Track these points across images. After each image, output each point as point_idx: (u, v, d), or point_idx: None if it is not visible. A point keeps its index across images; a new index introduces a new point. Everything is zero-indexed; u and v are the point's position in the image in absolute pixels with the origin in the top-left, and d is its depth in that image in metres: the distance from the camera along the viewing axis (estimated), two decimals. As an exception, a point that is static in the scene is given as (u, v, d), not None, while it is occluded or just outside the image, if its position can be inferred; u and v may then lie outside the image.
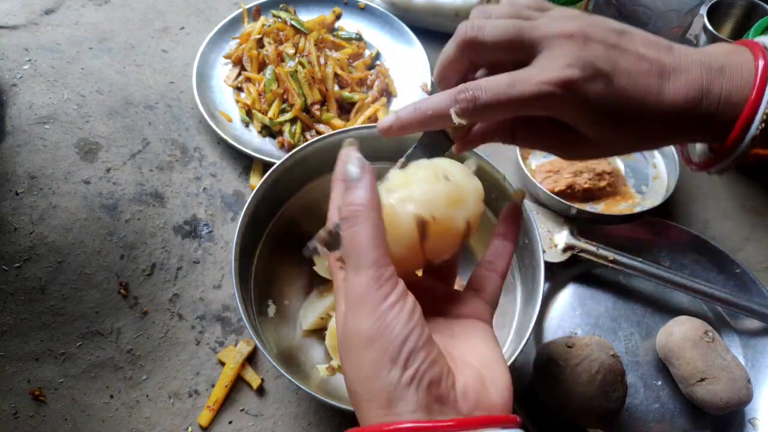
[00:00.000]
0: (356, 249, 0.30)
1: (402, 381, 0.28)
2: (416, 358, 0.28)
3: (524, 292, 0.58)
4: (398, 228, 0.33)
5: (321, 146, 0.60)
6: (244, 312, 0.52)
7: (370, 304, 0.29)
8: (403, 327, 0.29)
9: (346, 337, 0.30)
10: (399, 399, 0.28)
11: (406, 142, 0.62)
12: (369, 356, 0.29)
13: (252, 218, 0.57)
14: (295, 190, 0.63)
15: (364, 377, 0.29)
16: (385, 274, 0.30)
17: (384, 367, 0.28)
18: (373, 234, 0.30)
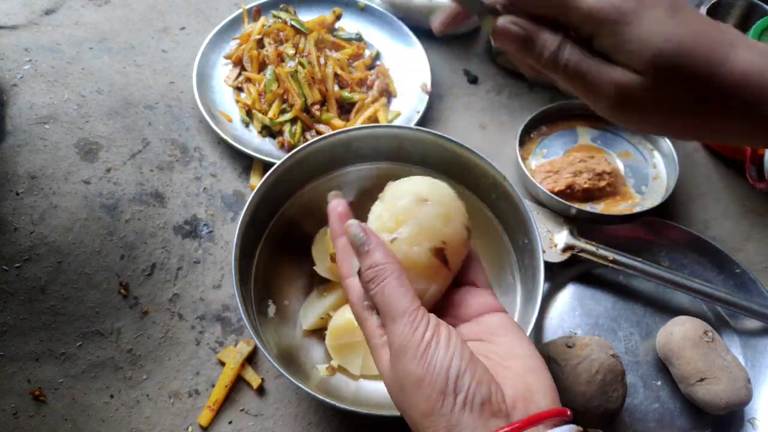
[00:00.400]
0: (388, 303, 0.34)
1: (456, 408, 0.31)
2: (464, 381, 0.31)
3: (524, 292, 0.58)
4: (421, 266, 0.37)
5: (321, 146, 0.60)
6: (244, 312, 0.52)
7: (411, 348, 0.32)
8: (443, 357, 0.32)
9: (398, 382, 0.33)
10: (457, 425, 0.30)
11: (404, 144, 0.63)
12: (422, 394, 0.31)
13: (252, 218, 0.57)
14: (295, 190, 0.63)
15: (422, 414, 0.31)
16: (417, 317, 0.33)
17: (437, 401, 0.31)
18: (398, 284, 0.34)
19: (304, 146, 0.59)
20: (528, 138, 0.78)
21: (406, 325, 0.33)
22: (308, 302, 0.63)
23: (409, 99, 0.81)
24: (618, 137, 0.79)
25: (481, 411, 0.31)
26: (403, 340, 0.33)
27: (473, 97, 0.85)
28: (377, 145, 0.63)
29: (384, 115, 0.78)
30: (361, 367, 0.58)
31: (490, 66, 0.88)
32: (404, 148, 0.63)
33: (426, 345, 0.32)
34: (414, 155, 0.63)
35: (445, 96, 0.84)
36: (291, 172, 0.60)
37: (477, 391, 0.31)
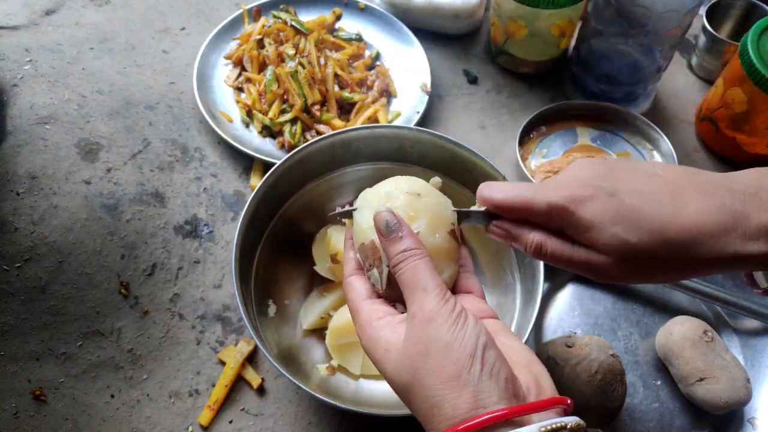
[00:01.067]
0: (420, 279, 0.35)
1: (483, 374, 0.31)
2: (489, 354, 0.32)
3: (523, 292, 0.58)
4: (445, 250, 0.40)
5: (321, 146, 0.61)
6: (244, 312, 0.52)
7: (442, 316, 0.33)
8: (473, 329, 0.33)
9: (422, 346, 0.33)
10: (483, 391, 0.31)
11: (404, 144, 0.63)
12: (450, 357, 0.32)
13: (252, 218, 0.57)
14: (295, 190, 0.63)
15: (447, 377, 0.32)
16: (447, 295, 0.35)
17: (465, 365, 0.31)
18: (430, 267, 0.36)
19: (304, 146, 0.59)
20: (528, 138, 0.78)
21: (438, 296, 0.34)
22: (308, 302, 0.63)
23: (409, 99, 0.81)
24: (617, 137, 0.79)
25: (505, 386, 0.31)
26: (434, 307, 0.34)
27: (473, 97, 0.85)
28: (377, 145, 0.63)
29: (384, 116, 0.78)
30: (361, 366, 0.59)
31: (490, 66, 0.88)
32: (404, 149, 0.63)
33: (457, 315, 0.33)
34: (414, 155, 0.63)
35: (445, 96, 0.84)
36: (291, 172, 0.60)
37: (502, 367, 0.32)
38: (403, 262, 0.36)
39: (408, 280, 0.35)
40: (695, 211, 0.34)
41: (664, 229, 0.34)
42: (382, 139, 0.63)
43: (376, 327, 0.36)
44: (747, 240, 0.34)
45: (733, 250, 0.34)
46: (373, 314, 0.37)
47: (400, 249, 0.36)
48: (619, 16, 0.72)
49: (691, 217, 0.34)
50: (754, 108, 0.70)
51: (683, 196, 0.35)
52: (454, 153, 0.61)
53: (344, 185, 0.65)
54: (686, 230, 0.34)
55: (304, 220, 0.65)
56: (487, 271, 0.65)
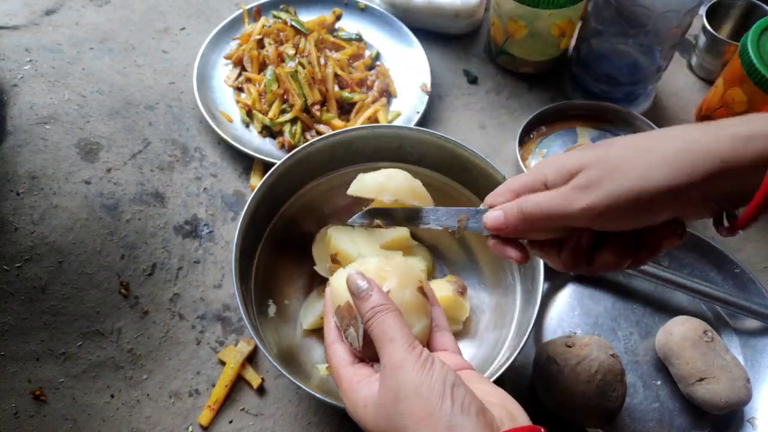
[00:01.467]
0: (388, 331, 0.37)
1: (454, 410, 0.33)
2: (458, 391, 0.34)
3: (524, 292, 0.58)
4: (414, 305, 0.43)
5: (321, 146, 0.61)
6: (244, 312, 0.52)
7: (409, 361, 0.35)
8: (440, 371, 0.35)
9: (393, 393, 0.35)
10: (456, 425, 0.32)
11: (404, 144, 0.63)
12: (420, 399, 0.33)
13: (252, 218, 0.57)
14: (295, 190, 0.63)
15: (419, 418, 0.33)
16: (414, 343, 0.37)
17: (436, 404, 0.33)
18: (398, 319, 0.38)
19: (304, 146, 0.59)
20: (528, 138, 0.78)
21: (404, 344, 0.36)
22: (308, 302, 0.63)
23: (409, 99, 0.81)
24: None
25: (477, 419, 0.32)
26: (401, 355, 0.36)
27: (473, 97, 0.85)
28: (377, 145, 0.63)
29: (384, 116, 0.78)
30: None
31: (489, 66, 0.88)
32: (404, 148, 0.63)
33: (423, 360, 0.35)
34: (414, 155, 0.63)
35: (445, 96, 0.84)
36: (291, 172, 0.60)
37: (472, 401, 0.33)
38: (373, 318, 0.38)
39: (378, 334, 0.38)
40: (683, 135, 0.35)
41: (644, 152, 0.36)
42: (382, 139, 0.63)
43: (356, 389, 0.39)
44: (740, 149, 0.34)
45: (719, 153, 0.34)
46: (354, 378, 0.39)
47: (371, 306, 0.39)
48: (619, 16, 0.72)
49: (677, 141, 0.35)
50: (754, 108, 0.70)
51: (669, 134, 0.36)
52: (454, 153, 0.61)
53: (344, 185, 0.65)
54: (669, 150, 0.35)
55: (304, 220, 0.65)
56: (487, 272, 0.65)
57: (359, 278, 0.40)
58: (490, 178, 0.59)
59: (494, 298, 0.63)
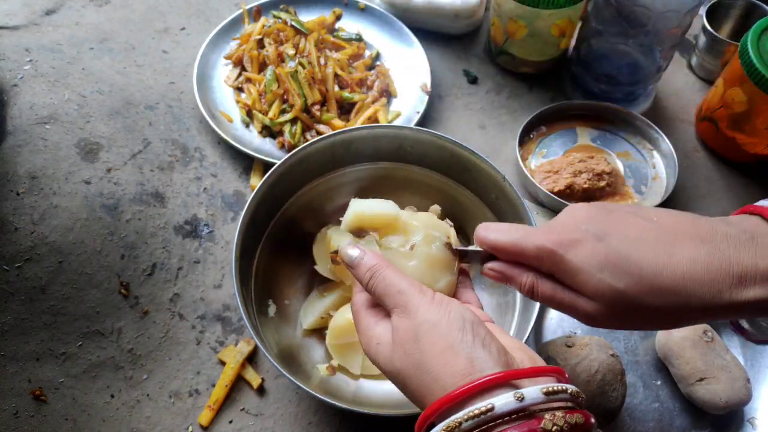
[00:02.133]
0: (393, 285, 0.36)
1: (476, 343, 0.32)
2: (479, 328, 0.33)
3: None
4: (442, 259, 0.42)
5: (321, 146, 0.61)
6: (244, 311, 0.52)
7: (424, 303, 0.35)
8: (458, 308, 0.34)
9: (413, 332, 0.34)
10: (478, 357, 0.31)
11: (404, 144, 0.63)
12: (439, 333, 0.33)
13: (252, 218, 0.57)
14: (295, 190, 0.63)
15: (439, 351, 0.32)
16: (423, 288, 0.36)
17: (456, 336, 0.32)
18: (398, 273, 0.37)
19: (304, 146, 0.59)
20: (528, 138, 0.78)
21: (415, 290, 0.35)
22: (308, 302, 0.63)
23: (409, 99, 0.81)
24: (617, 137, 0.79)
25: (498, 355, 0.32)
26: (416, 300, 0.35)
27: (473, 98, 0.85)
28: (377, 145, 0.63)
29: (384, 116, 0.78)
30: (361, 366, 0.58)
31: (489, 66, 0.88)
32: (404, 148, 0.63)
33: (439, 301, 0.35)
34: (413, 155, 0.63)
35: (445, 96, 0.84)
36: (291, 171, 0.60)
37: (492, 339, 0.33)
38: (372, 278, 0.37)
39: (382, 291, 0.37)
40: (689, 258, 0.34)
41: (656, 276, 0.34)
42: (382, 139, 0.63)
43: (371, 327, 0.38)
44: (743, 287, 0.33)
45: (728, 298, 0.33)
46: (371, 319, 0.39)
47: (366, 269, 0.38)
48: (619, 16, 0.72)
49: (684, 264, 0.34)
50: (754, 108, 0.70)
51: (677, 242, 0.35)
52: (454, 153, 0.61)
53: (344, 185, 0.65)
54: (678, 277, 0.34)
55: (305, 220, 0.65)
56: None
57: (350, 248, 0.40)
58: (490, 177, 0.59)
59: (494, 298, 0.63)
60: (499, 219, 0.62)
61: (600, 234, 0.35)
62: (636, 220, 0.36)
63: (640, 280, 0.34)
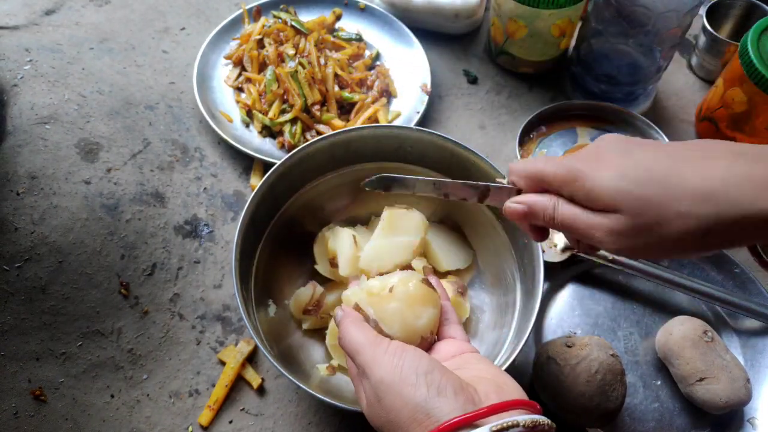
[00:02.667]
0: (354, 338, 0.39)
1: (429, 394, 0.33)
2: (432, 376, 0.34)
3: (523, 292, 0.58)
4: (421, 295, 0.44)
5: (321, 146, 0.61)
6: (244, 311, 0.52)
7: (378, 358, 0.36)
8: (411, 361, 0.35)
9: (375, 395, 0.36)
10: (433, 408, 0.33)
11: (404, 144, 0.63)
12: (395, 392, 0.34)
13: (252, 218, 0.57)
14: (295, 190, 0.63)
15: (398, 409, 0.34)
16: (378, 338, 0.38)
17: (409, 393, 0.34)
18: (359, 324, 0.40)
19: (304, 146, 0.59)
20: (527, 138, 0.78)
21: (370, 344, 0.37)
22: (309, 301, 0.63)
23: (409, 99, 0.81)
24: (618, 137, 0.79)
25: (455, 397, 0.33)
26: (370, 354, 0.37)
27: (473, 98, 0.85)
28: (377, 145, 0.63)
29: (384, 116, 0.78)
30: None
31: (489, 66, 0.88)
32: (404, 148, 0.63)
33: (393, 352, 0.36)
34: (414, 155, 0.63)
35: (445, 96, 0.84)
36: (291, 171, 0.60)
37: (448, 382, 0.34)
38: (341, 337, 0.40)
39: (348, 351, 0.39)
40: (724, 166, 0.32)
41: (686, 181, 0.32)
42: (382, 140, 0.63)
43: (359, 390, 0.40)
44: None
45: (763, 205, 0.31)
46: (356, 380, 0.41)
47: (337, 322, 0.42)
48: (619, 16, 0.72)
49: (720, 170, 0.32)
50: (753, 108, 0.71)
51: (709, 155, 0.33)
52: (454, 152, 0.61)
53: (344, 185, 0.65)
54: (713, 181, 0.32)
55: (305, 220, 0.65)
56: (488, 272, 0.65)
57: (338, 309, 0.43)
58: (490, 177, 0.59)
59: (494, 298, 0.63)
60: (499, 219, 0.62)
61: (624, 151, 0.36)
62: (662, 144, 0.37)
63: (668, 187, 0.33)
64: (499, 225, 0.62)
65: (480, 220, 0.64)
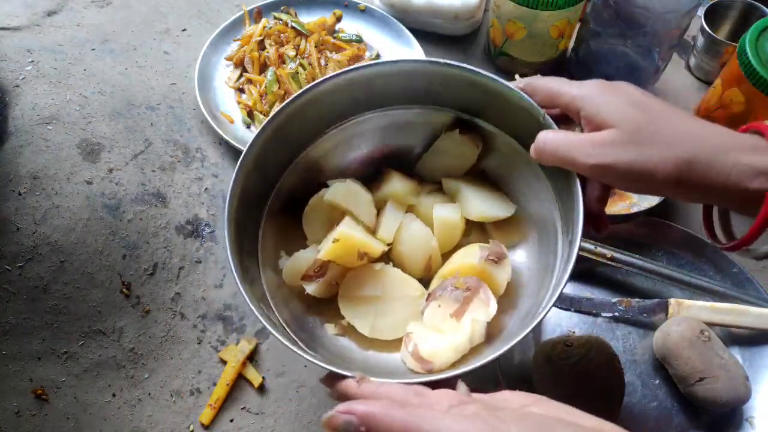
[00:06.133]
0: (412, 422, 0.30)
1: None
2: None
3: (565, 243, 0.49)
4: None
5: (335, 85, 0.52)
6: (241, 279, 0.44)
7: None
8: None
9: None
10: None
11: (433, 81, 0.52)
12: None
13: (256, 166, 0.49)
14: (308, 141, 0.55)
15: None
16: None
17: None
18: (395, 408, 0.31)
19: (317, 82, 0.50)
20: (527, 139, 0.79)
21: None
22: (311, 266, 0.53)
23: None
24: (616, 138, 0.79)
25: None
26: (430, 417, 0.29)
27: (473, 98, 0.85)
28: (401, 85, 0.53)
29: (384, 116, 0.78)
30: (371, 327, 0.51)
31: (489, 67, 0.88)
32: (433, 87, 0.54)
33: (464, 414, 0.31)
34: (444, 97, 0.55)
35: (445, 97, 0.85)
36: (302, 116, 0.52)
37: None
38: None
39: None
40: (705, 124, 0.40)
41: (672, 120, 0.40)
42: (406, 78, 0.53)
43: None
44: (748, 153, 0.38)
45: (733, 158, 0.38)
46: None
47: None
48: (618, 17, 0.72)
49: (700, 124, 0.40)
50: (752, 109, 0.71)
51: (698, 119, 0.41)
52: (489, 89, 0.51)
53: (364, 134, 0.57)
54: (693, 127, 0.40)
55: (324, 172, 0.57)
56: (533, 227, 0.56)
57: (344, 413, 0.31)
58: (529, 115, 0.50)
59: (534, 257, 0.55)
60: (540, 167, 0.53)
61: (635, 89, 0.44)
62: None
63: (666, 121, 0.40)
64: (541, 171, 0.53)
65: (520, 169, 0.55)
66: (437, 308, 0.50)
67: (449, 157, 0.57)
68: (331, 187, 0.54)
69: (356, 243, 0.50)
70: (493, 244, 0.52)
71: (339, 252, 0.50)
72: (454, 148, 0.56)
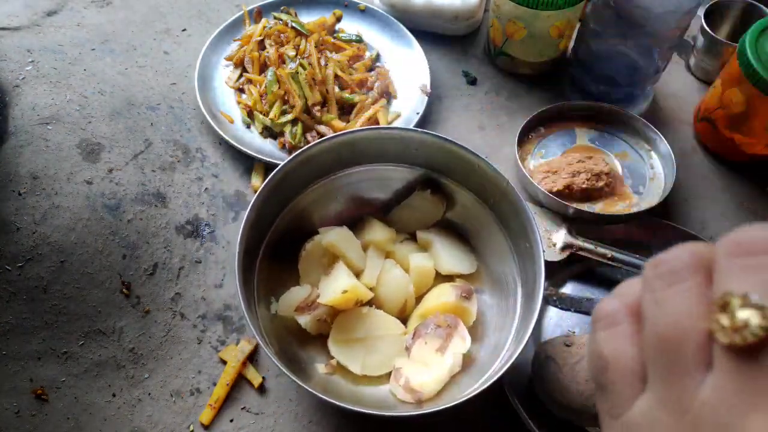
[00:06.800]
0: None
1: None
2: None
3: (524, 295, 0.58)
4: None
5: (325, 147, 0.60)
6: (246, 309, 0.52)
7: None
8: None
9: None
10: None
11: (409, 146, 0.62)
12: None
13: (258, 215, 0.56)
14: (299, 191, 0.62)
15: None
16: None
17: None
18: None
19: (307, 148, 0.59)
20: (526, 139, 0.79)
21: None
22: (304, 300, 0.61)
23: (409, 100, 0.81)
24: (615, 138, 0.80)
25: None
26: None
27: (472, 99, 0.85)
28: (382, 147, 0.63)
29: (384, 116, 0.79)
30: (362, 365, 0.58)
31: (488, 67, 0.88)
32: (409, 150, 0.63)
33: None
34: (420, 158, 0.63)
35: (445, 97, 0.85)
36: (294, 173, 0.60)
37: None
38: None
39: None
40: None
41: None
42: (388, 141, 0.62)
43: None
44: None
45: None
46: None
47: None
48: (618, 17, 0.72)
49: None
50: (752, 108, 0.71)
51: None
52: (458, 155, 0.60)
53: (347, 186, 0.65)
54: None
55: (310, 219, 0.64)
56: (489, 276, 0.64)
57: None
58: (493, 180, 0.59)
59: (494, 299, 0.63)
60: (501, 220, 0.61)
61: None
62: None
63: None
64: (502, 229, 0.62)
65: (481, 222, 0.64)
66: (424, 345, 0.58)
67: (419, 212, 0.66)
68: (329, 232, 0.62)
69: (359, 295, 0.58)
70: (462, 283, 0.62)
71: (342, 301, 0.57)
72: (423, 204, 0.65)
